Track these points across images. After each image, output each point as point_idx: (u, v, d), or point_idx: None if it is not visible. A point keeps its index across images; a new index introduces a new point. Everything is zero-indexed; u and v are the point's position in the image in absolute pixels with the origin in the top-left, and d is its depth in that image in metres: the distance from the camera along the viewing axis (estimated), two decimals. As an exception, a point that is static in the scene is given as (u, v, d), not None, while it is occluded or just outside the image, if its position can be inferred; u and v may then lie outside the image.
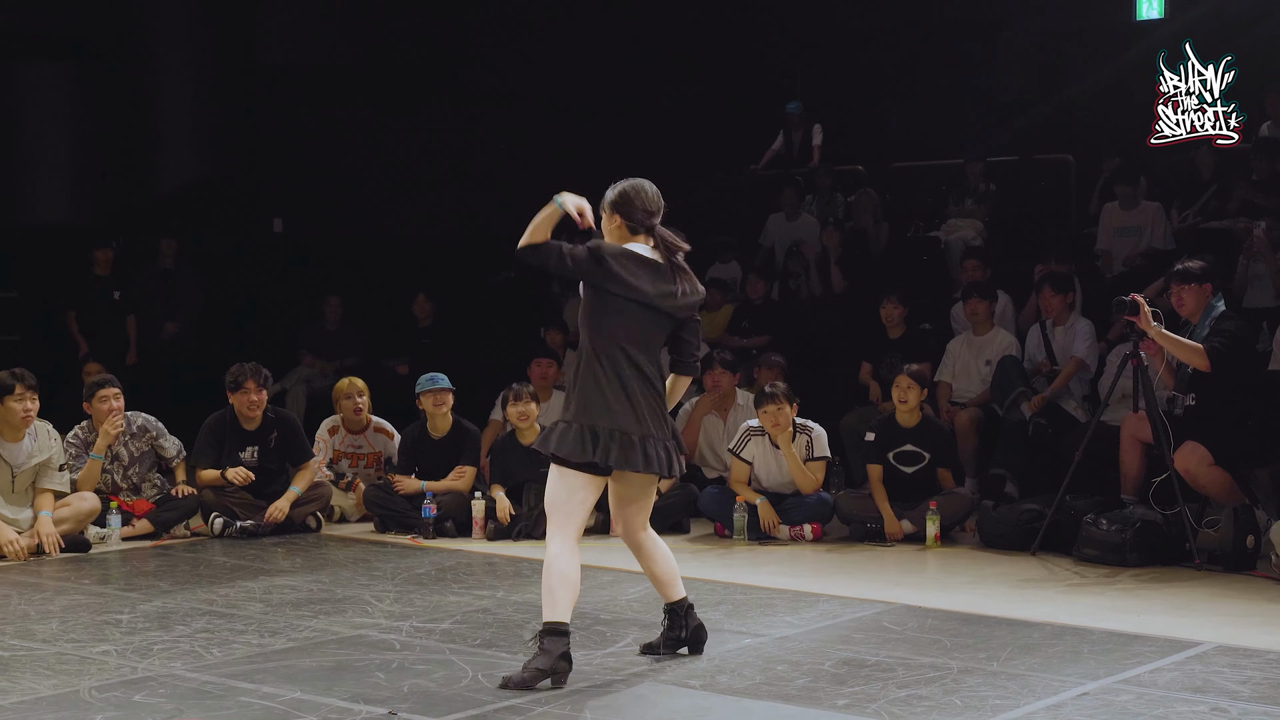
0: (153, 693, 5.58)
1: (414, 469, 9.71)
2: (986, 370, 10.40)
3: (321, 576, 8.05)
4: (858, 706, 5.36)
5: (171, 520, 9.40)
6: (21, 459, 8.76)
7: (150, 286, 13.65)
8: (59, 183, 15.14)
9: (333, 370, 13.05)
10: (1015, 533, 8.74)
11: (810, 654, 6.18)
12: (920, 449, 9.31)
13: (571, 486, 5.75)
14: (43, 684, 5.72)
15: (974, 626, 6.69)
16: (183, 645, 6.35)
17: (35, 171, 14.93)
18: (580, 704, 5.39)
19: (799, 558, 8.76)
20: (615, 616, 6.94)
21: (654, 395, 5.78)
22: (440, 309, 13.32)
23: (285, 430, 9.74)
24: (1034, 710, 5.30)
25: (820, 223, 13.67)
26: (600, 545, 9.09)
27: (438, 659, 6.09)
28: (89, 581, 7.98)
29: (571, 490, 5.75)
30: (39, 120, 14.85)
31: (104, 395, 9.30)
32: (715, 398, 10.33)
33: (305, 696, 5.50)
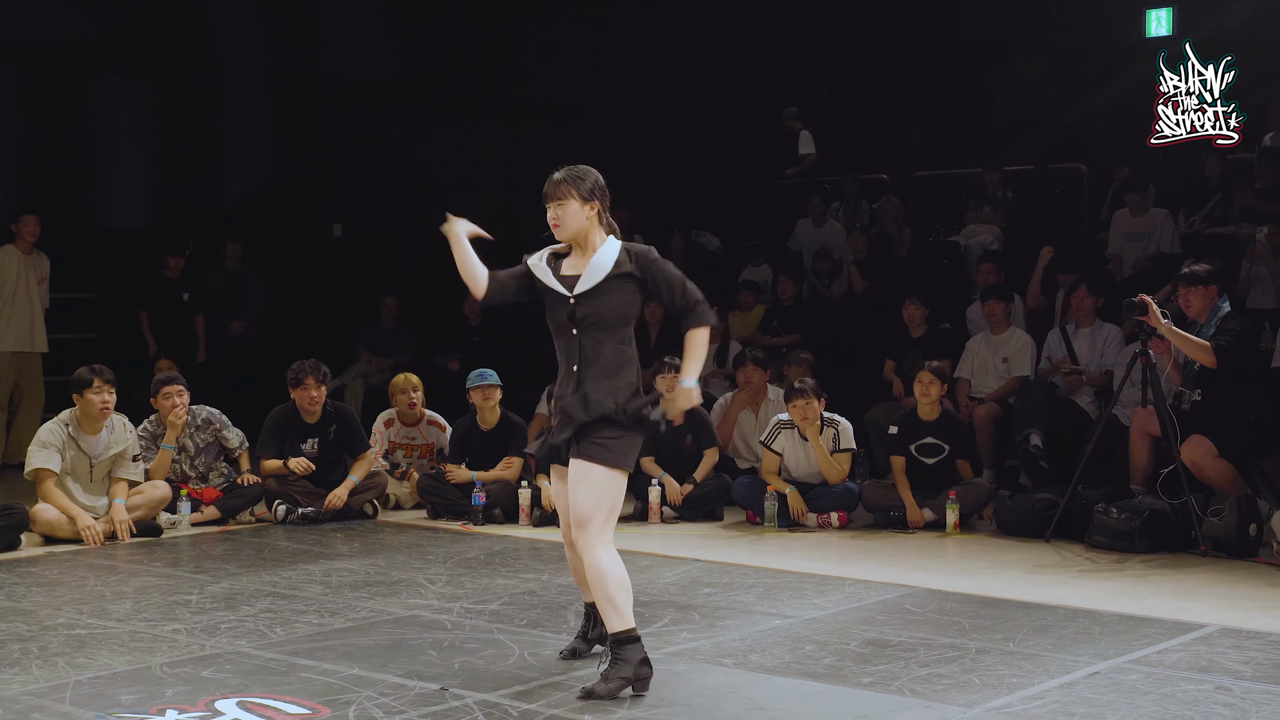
0: (220, 669, 5.60)
1: (464, 459, 9.72)
2: (1004, 367, 10.36)
3: (378, 560, 8.07)
4: (881, 684, 5.34)
5: (237, 507, 9.44)
6: (99, 450, 8.81)
7: (218, 288, 13.71)
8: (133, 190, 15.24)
9: (388, 366, 13.08)
10: (1030, 521, 8.71)
11: (836, 634, 6.16)
12: (940, 441, 9.28)
13: (621, 491, 5.35)
14: (118, 660, 5.76)
15: (991, 609, 6.66)
16: (248, 624, 6.38)
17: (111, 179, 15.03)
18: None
19: (826, 544, 8.74)
20: (653, 598, 6.93)
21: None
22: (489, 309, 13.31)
23: (343, 423, 9.77)
24: (1048, 688, 5.27)
25: (846, 228, 13.66)
26: (638, 531, 9.10)
27: (486, 638, 6.09)
28: (160, 564, 8.02)
29: (621, 494, 5.35)
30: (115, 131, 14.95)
31: (168, 392, 9.35)
32: (748, 393, 10.33)
33: (362, 673, 5.51)
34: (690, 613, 6.61)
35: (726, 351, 12.01)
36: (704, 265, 14.30)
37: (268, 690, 5.27)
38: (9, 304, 11.78)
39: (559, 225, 5.34)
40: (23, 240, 11.85)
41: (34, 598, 7.04)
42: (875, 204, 14.17)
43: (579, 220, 5.33)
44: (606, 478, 5.24)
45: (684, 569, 7.75)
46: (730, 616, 6.54)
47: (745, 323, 12.64)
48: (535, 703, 5.10)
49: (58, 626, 6.35)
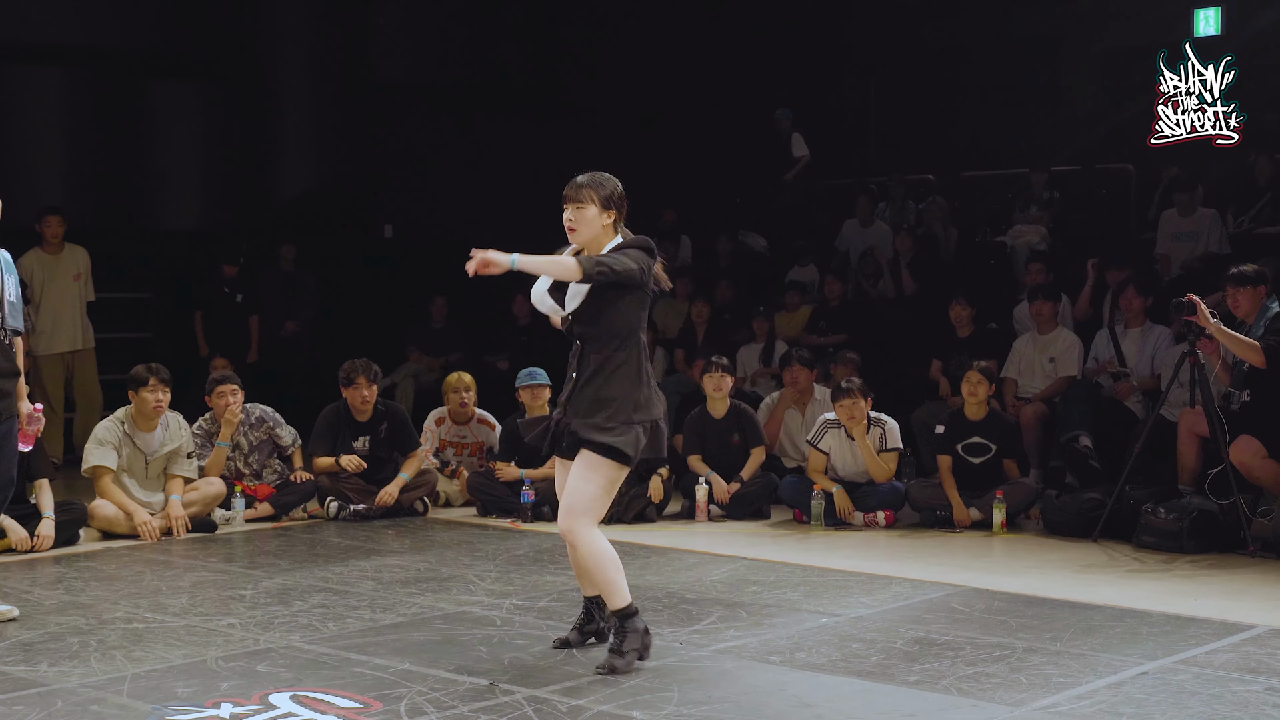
0: (274, 663, 5.63)
1: (513, 457, 9.74)
2: (1050, 367, 10.29)
3: (428, 557, 8.09)
4: (928, 682, 5.31)
5: (290, 504, 9.50)
6: (154, 447, 8.88)
7: (271, 288, 13.78)
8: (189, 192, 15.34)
9: (439, 366, 13.12)
10: (1077, 521, 8.64)
11: (883, 633, 6.13)
12: (987, 441, 9.22)
13: (617, 482, 5.48)
14: (174, 653, 5.80)
15: (1038, 608, 6.61)
16: (301, 619, 6.41)
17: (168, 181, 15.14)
18: (668, 679, 5.38)
19: (872, 542, 8.70)
20: (700, 596, 6.92)
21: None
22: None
23: (394, 421, 9.80)
24: (1095, 688, 5.23)
25: (893, 229, 13.60)
26: (686, 529, 9.09)
27: (535, 634, 6.10)
28: (215, 560, 8.07)
29: (615, 486, 5.48)
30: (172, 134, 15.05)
31: (221, 391, 9.40)
32: (795, 393, 10.30)
33: (413, 668, 5.53)
34: (737, 610, 6.59)
35: (773, 351, 11.97)
36: (750, 266, 14.30)
37: (321, 684, 5.30)
38: (44, 307, 11.70)
39: (574, 229, 5.47)
40: (47, 241, 11.80)
41: (92, 592, 7.11)
42: (922, 204, 14.11)
43: (594, 227, 5.46)
44: (604, 472, 5.38)
45: (731, 567, 7.73)
46: (777, 614, 6.52)
47: (792, 323, 12.61)
48: (584, 699, 5.09)
49: (115, 620, 6.40)
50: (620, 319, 5.40)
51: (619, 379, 5.39)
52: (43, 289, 11.71)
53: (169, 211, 15.15)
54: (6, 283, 6.27)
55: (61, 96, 14.41)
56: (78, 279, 11.87)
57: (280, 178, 15.71)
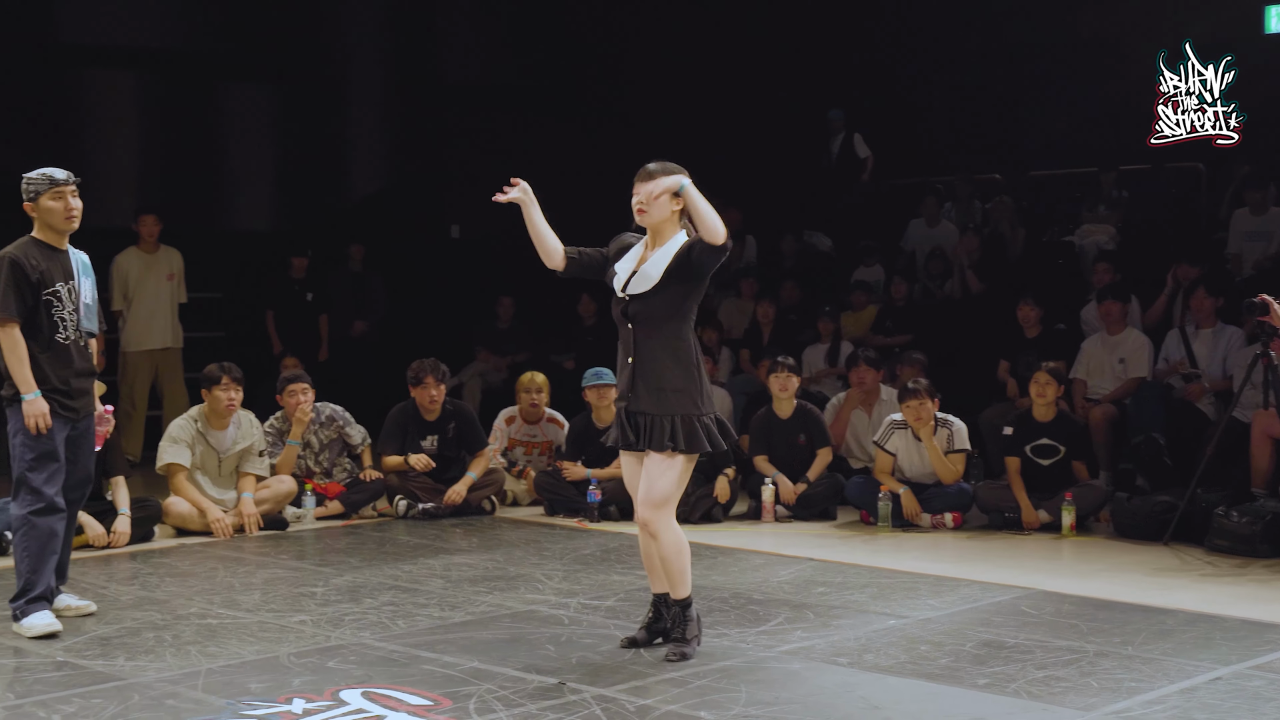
0: (344, 659, 5.67)
1: (580, 457, 9.75)
2: (1120, 368, 10.18)
3: (496, 555, 8.12)
4: (998, 686, 5.27)
5: (360, 502, 9.56)
6: (226, 445, 8.97)
7: (341, 288, 13.89)
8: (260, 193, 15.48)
9: (505, 365, 13.17)
10: (1148, 523, 8.54)
11: (952, 635, 6.09)
12: (1056, 442, 9.13)
13: (690, 471, 5.68)
14: (247, 649, 5.86)
15: (1109, 612, 6.54)
16: (371, 617, 6.45)
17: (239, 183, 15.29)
18: (736, 679, 5.37)
19: (940, 544, 8.64)
20: (767, 597, 6.90)
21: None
22: (604, 309, 13.34)
23: (462, 421, 9.85)
24: (1168, 693, 5.17)
25: (959, 228, 13.50)
26: (752, 530, 9.07)
27: (603, 633, 6.11)
28: (287, 557, 8.14)
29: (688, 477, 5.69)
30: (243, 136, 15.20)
31: (293, 389, 9.48)
32: (861, 393, 10.25)
33: (482, 666, 5.55)
34: (805, 611, 6.57)
35: (839, 352, 11.92)
36: (816, 265, 14.24)
37: (391, 681, 5.33)
38: (136, 304, 12.01)
39: (644, 210, 5.58)
40: (144, 240, 12.08)
41: (167, 588, 7.19)
42: (988, 204, 14.00)
43: (664, 210, 5.57)
44: (681, 463, 5.55)
45: (798, 568, 7.71)
46: (845, 616, 6.49)
47: (858, 323, 12.55)
48: (651, 698, 5.10)
49: (190, 616, 6.48)
50: (685, 305, 5.56)
51: (680, 367, 5.53)
52: (136, 286, 12.01)
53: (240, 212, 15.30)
54: (83, 285, 6.36)
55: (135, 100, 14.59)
56: (171, 279, 12.17)
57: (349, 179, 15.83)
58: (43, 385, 6.12)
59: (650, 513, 5.55)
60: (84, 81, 14.13)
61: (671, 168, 5.62)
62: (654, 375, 5.51)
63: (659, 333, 5.52)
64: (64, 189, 6.25)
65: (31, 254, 6.18)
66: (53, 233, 6.27)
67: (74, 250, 6.38)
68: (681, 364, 5.52)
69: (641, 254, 5.64)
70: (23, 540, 6.14)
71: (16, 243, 6.25)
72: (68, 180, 6.27)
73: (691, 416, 5.52)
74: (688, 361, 5.54)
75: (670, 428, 5.50)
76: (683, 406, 5.51)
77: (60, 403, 6.18)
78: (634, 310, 5.54)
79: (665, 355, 5.51)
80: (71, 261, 6.33)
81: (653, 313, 5.52)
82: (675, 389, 5.50)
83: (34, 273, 6.14)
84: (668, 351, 5.52)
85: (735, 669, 5.51)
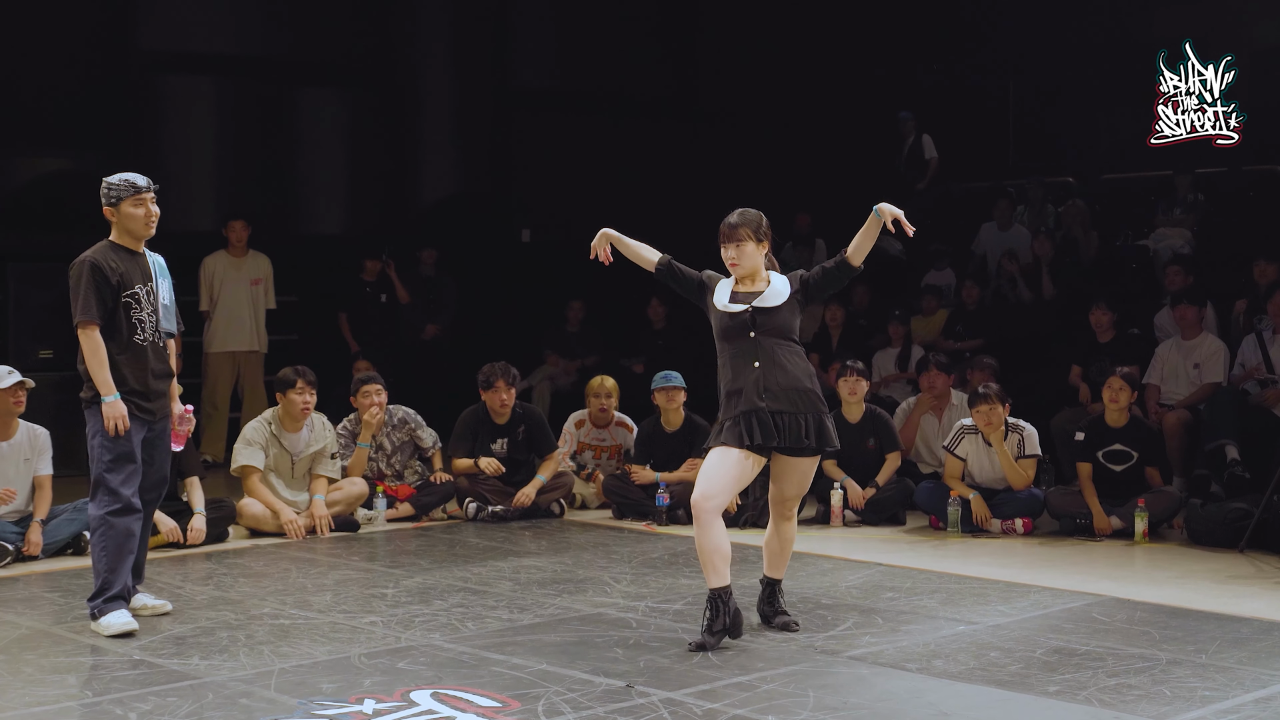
0: (414, 660, 5.72)
1: (649, 460, 9.76)
2: (1195, 374, 10.05)
3: (564, 558, 8.15)
4: (1068, 693, 5.22)
5: (430, 504, 9.62)
6: (300, 448, 9.06)
7: (412, 292, 13.97)
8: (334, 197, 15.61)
9: (575, 369, 13.20)
10: (1223, 531, 8.41)
11: (1022, 642, 6.04)
12: (1129, 448, 9.03)
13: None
14: (319, 649, 5.92)
15: (1182, 620, 6.47)
16: (440, 618, 6.50)
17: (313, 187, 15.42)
18: (804, 684, 5.36)
19: (1010, 550, 8.57)
20: (836, 601, 6.88)
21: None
22: (673, 313, 13.37)
23: (532, 424, 9.89)
24: (1243, 702, 5.10)
25: (1031, 232, 13.38)
26: (821, 534, 9.04)
27: (671, 637, 6.11)
28: (358, 559, 8.21)
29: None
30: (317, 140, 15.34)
31: (367, 391, 9.55)
32: (931, 397, 10.19)
33: (550, 668, 5.58)
34: (873, 616, 6.54)
35: (909, 356, 11.85)
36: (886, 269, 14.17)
37: (460, 683, 5.37)
38: (221, 306, 12.20)
39: (737, 264, 6.13)
40: (232, 244, 12.28)
41: (241, 588, 7.28)
42: (1061, 208, 13.87)
43: (756, 259, 6.14)
44: (813, 464, 6.19)
45: (866, 573, 7.68)
46: (913, 621, 6.46)
47: (928, 327, 12.48)
48: (719, 702, 5.10)
49: (263, 616, 6.55)
50: (797, 319, 6.19)
51: (804, 368, 6.09)
52: (222, 289, 12.20)
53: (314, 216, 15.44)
54: (161, 286, 6.45)
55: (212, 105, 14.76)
56: (257, 284, 12.33)
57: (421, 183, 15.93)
58: (121, 387, 6.22)
59: (795, 505, 6.23)
60: (162, 87, 14.32)
61: (749, 215, 6.14)
62: (787, 376, 6.00)
63: (787, 339, 6.07)
64: (144, 196, 6.35)
65: (110, 257, 6.29)
66: (131, 237, 6.38)
67: (150, 253, 6.48)
68: (804, 366, 6.10)
69: (733, 285, 6.16)
70: (100, 540, 6.24)
71: (95, 247, 6.36)
72: (148, 187, 6.37)
73: (821, 414, 6.04)
74: (807, 365, 6.15)
75: (804, 425, 5.97)
76: (814, 404, 6.02)
77: (137, 404, 6.28)
78: (761, 321, 6.03)
79: (793, 358, 6.05)
80: (150, 263, 6.43)
81: (780, 323, 6.05)
82: (806, 388, 6.01)
83: (114, 275, 6.25)
84: (793, 356, 6.06)
85: (803, 673, 5.50)
